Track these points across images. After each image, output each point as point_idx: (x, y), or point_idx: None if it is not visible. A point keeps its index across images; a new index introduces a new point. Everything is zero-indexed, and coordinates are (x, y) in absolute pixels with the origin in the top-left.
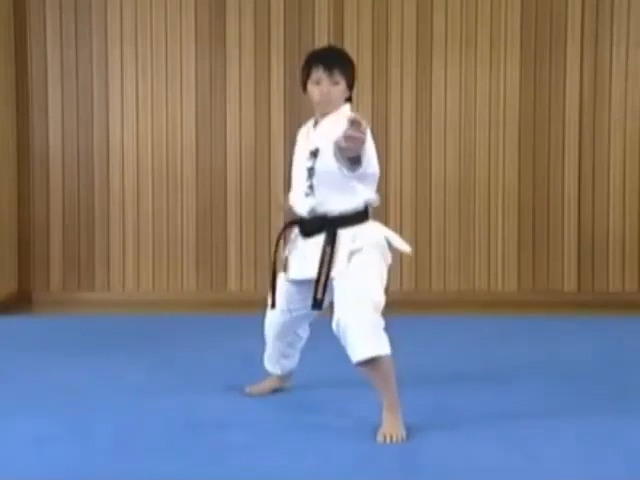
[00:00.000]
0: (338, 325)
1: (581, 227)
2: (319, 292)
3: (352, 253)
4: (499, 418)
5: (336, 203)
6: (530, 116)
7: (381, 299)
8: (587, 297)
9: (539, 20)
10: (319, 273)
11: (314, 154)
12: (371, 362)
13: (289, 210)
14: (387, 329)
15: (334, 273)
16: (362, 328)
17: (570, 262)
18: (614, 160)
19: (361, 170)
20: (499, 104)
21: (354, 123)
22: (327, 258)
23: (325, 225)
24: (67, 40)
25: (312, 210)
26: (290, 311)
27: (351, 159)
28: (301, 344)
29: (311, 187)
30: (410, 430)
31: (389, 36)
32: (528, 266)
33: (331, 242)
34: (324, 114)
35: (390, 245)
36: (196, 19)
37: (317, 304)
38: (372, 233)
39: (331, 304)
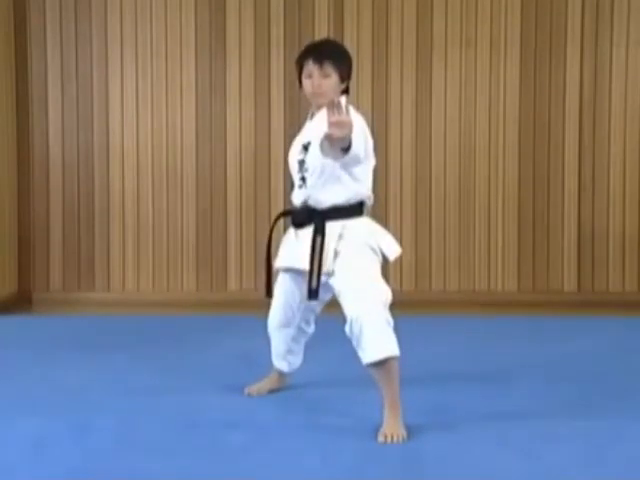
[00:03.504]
0: (352, 327)
1: (581, 227)
2: (313, 281)
3: (338, 251)
4: (499, 418)
5: (326, 196)
6: (530, 116)
7: (388, 294)
8: (587, 297)
9: (539, 20)
10: (311, 263)
11: (306, 147)
12: (381, 363)
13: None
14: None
15: (324, 268)
16: (375, 330)
17: (570, 262)
18: (614, 160)
19: (349, 155)
20: (499, 104)
21: (334, 107)
22: (318, 248)
23: (314, 216)
24: (67, 40)
25: (304, 202)
26: (290, 304)
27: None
28: (305, 339)
29: (303, 179)
30: (410, 430)
31: (389, 36)
32: (528, 266)
33: (321, 233)
34: (319, 107)
35: (379, 247)
36: (196, 19)
37: (312, 294)
38: (361, 230)
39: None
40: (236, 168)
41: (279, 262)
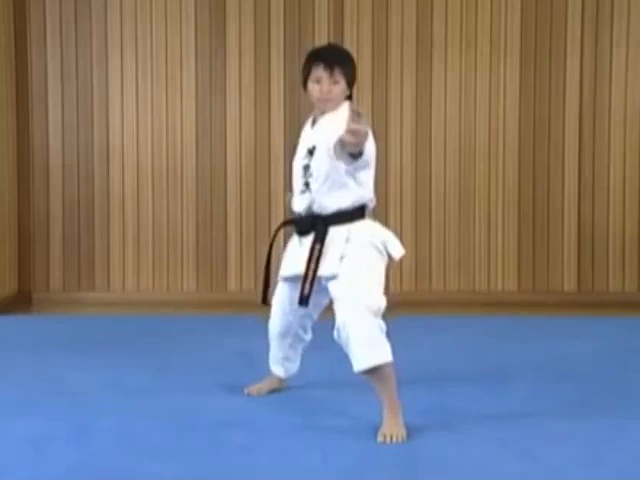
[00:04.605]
0: (339, 333)
1: (581, 227)
2: (306, 288)
3: (344, 255)
4: (499, 418)
5: (331, 201)
6: (530, 116)
7: (381, 302)
8: (587, 297)
9: (539, 20)
10: (306, 269)
11: (311, 152)
12: (372, 370)
13: (291, 208)
14: (387, 329)
15: (324, 272)
16: (363, 337)
17: (570, 262)
18: (614, 160)
19: (359, 162)
20: (499, 104)
21: (356, 116)
22: (316, 255)
23: (317, 223)
24: (67, 40)
25: (307, 208)
26: (290, 312)
27: (352, 154)
28: (302, 346)
29: (307, 185)
30: (410, 430)
31: (389, 36)
32: (528, 266)
33: (321, 240)
34: (323, 112)
35: (385, 247)
36: (196, 19)
37: (303, 300)
38: (366, 232)
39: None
40: (236, 168)
41: (283, 271)
